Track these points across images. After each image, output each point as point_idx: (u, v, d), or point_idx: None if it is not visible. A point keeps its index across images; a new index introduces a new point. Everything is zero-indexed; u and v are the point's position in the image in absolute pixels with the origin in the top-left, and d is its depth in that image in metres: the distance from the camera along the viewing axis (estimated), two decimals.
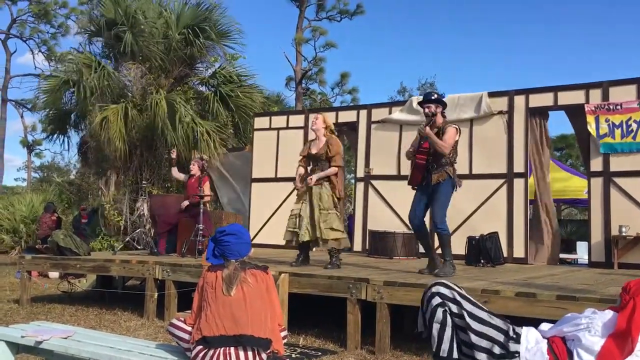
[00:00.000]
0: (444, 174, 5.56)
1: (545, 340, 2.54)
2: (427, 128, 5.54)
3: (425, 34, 52.71)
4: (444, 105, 5.79)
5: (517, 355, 2.49)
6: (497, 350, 2.52)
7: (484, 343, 2.54)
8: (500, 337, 2.53)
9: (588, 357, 2.39)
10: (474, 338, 2.54)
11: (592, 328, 2.45)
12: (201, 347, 2.98)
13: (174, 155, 8.18)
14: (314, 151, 6.28)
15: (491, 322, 2.58)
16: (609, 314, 2.49)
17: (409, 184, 5.92)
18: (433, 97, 5.74)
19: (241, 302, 3.01)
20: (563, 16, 53.39)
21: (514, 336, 2.53)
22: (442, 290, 2.69)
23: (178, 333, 3.20)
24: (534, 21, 55.40)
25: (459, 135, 5.70)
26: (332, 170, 6.16)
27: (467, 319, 2.57)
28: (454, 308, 2.61)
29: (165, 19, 12.06)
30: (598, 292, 4.45)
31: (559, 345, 2.48)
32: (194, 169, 7.85)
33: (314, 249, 6.76)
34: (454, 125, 5.69)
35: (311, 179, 6.16)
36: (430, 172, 5.59)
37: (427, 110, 5.72)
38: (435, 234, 5.77)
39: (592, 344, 2.41)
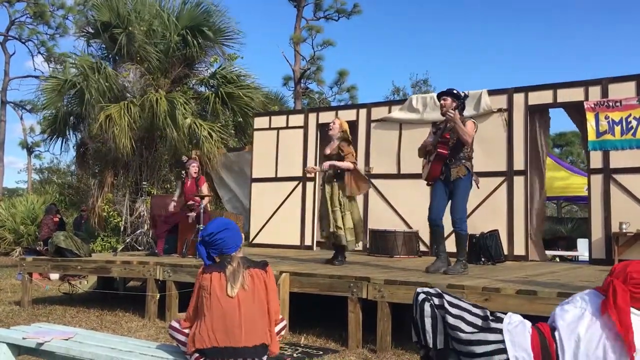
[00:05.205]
0: (463, 168, 5.35)
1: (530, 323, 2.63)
2: (456, 112, 5.25)
3: (423, 32, 52.71)
4: (461, 102, 5.56)
5: (499, 331, 2.56)
6: (477, 335, 2.58)
7: (465, 327, 2.61)
8: (479, 322, 2.62)
9: (565, 317, 2.49)
10: (452, 320, 2.63)
11: (571, 301, 2.57)
12: (198, 355, 2.98)
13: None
14: (327, 152, 6.61)
15: (470, 309, 2.68)
16: (589, 291, 2.58)
17: (425, 179, 5.70)
18: (454, 92, 5.51)
19: (235, 314, 2.96)
20: (560, 12, 53.40)
21: (493, 318, 2.64)
22: (427, 289, 2.84)
23: (177, 336, 3.18)
24: (532, 19, 55.38)
25: (476, 130, 5.55)
26: (346, 164, 6.34)
27: (447, 305, 2.68)
28: (436, 300, 2.72)
29: (164, 20, 12.05)
30: None
31: (545, 327, 2.56)
32: (194, 169, 7.76)
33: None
34: (472, 120, 5.60)
35: (328, 165, 6.44)
36: (449, 167, 5.37)
37: (442, 102, 5.50)
38: (454, 233, 5.56)
39: (566, 311, 2.51)
